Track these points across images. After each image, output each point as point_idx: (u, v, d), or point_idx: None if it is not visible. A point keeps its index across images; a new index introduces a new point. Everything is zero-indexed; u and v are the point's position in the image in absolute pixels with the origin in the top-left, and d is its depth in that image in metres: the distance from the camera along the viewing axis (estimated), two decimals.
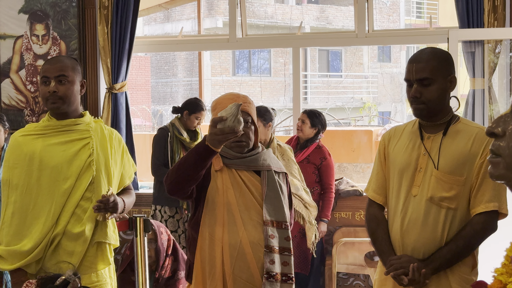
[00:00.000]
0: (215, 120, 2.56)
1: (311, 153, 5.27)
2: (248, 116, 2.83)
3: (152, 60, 22.04)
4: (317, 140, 5.32)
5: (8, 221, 2.95)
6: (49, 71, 2.96)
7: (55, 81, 2.94)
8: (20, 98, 6.08)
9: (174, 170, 2.72)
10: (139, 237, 3.61)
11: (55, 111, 2.99)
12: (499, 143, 1.35)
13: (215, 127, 2.57)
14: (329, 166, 5.28)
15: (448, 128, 2.69)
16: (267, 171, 2.89)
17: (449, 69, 2.68)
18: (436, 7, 23.24)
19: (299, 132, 5.35)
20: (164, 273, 4.17)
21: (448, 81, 2.67)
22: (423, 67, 2.63)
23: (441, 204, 2.64)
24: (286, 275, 2.82)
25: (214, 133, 2.57)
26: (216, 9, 20.48)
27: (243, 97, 2.87)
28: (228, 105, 2.58)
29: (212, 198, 2.83)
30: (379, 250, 2.78)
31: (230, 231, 2.78)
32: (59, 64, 2.97)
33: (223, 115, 2.55)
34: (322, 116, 5.40)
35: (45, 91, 2.95)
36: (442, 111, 2.70)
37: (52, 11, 6.00)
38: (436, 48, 2.74)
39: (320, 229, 5.21)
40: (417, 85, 2.64)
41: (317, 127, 5.30)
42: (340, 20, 22.50)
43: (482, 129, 2.69)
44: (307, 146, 5.29)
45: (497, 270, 1.39)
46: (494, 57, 5.18)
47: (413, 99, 2.67)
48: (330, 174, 5.29)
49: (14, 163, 2.98)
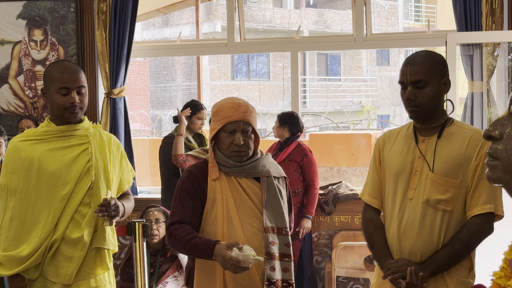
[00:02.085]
0: (232, 260, 2.54)
1: (291, 152, 5.39)
2: (249, 126, 2.81)
3: (151, 64, 22.05)
4: (296, 139, 5.44)
5: (7, 226, 2.95)
6: (70, 82, 2.94)
7: (76, 92, 2.95)
8: (19, 103, 6.08)
9: (179, 245, 2.76)
10: (138, 242, 3.60)
11: (71, 120, 2.99)
12: (497, 146, 1.34)
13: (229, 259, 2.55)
14: (311, 162, 5.37)
15: (443, 131, 2.70)
16: (266, 177, 2.88)
17: (443, 71, 2.69)
18: (435, 11, 23.27)
19: (274, 134, 5.54)
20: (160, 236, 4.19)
21: (442, 84, 2.68)
22: (417, 70, 2.64)
23: (437, 207, 2.65)
24: (286, 281, 2.82)
25: (225, 266, 2.58)
26: (215, 14, 20.50)
27: (245, 105, 2.83)
28: (247, 251, 2.57)
29: (211, 207, 2.82)
30: (376, 254, 2.79)
31: (230, 239, 2.77)
32: (78, 75, 2.97)
33: (240, 259, 2.54)
34: (293, 117, 5.51)
35: (64, 101, 2.94)
36: (436, 114, 2.71)
37: (50, 16, 6.01)
38: (431, 51, 2.75)
39: (304, 226, 5.26)
40: (411, 87, 2.65)
41: (285, 125, 5.43)
42: (338, 24, 22.52)
43: (476, 132, 2.70)
44: (287, 146, 5.40)
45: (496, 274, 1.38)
46: (492, 60, 5.18)
47: (408, 101, 2.68)
48: (313, 170, 5.36)
49: (13, 168, 2.98)
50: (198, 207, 2.81)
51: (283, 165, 5.06)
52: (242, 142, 2.77)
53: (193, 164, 2.96)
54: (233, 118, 2.79)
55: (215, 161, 2.85)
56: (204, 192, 2.82)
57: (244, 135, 2.79)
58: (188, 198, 2.81)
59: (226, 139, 2.81)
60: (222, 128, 2.82)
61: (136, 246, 3.61)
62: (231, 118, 2.79)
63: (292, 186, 5.14)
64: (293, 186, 5.20)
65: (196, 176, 2.84)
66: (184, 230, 2.73)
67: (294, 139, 5.43)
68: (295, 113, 5.61)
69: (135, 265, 3.59)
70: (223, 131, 2.82)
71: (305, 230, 5.29)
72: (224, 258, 2.55)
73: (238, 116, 2.79)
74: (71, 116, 2.97)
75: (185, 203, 2.81)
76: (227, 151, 2.82)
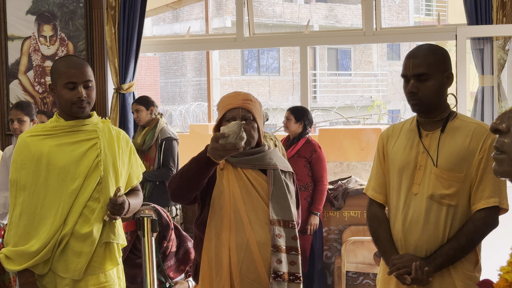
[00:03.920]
0: (217, 136, 2.56)
1: (301, 148, 5.37)
2: (249, 113, 2.81)
3: (161, 60, 22.08)
4: (305, 135, 5.42)
5: (16, 221, 2.95)
6: (76, 77, 2.94)
7: (83, 86, 2.95)
8: (28, 99, 6.10)
9: (177, 177, 2.73)
10: (147, 237, 3.61)
11: (79, 115, 2.99)
12: (504, 139, 1.33)
13: (217, 142, 2.57)
14: (320, 158, 5.35)
15: (446, 125, 2.69)
16: (273, 170, 2.87)
17: (446, 65, 2.67)
18: (446, 5, 23.17)
19: (286, 129, 5.48)
20: (172, 246, 4.17)
21: (445, 77, 2.67)
22: (420, 63, 2.63)
23: (441, 202, 2.64)
24: (293, 274, 2.80)
25: (216, 148, 2.58)
26: (225, 9, 20.49)
27: (245, 94, 2.85)
28: (231, 123, 2.59)
29: (218, 198, 2.81)
30: (381, 249, 2.78)
31: (236, 231, 2.76)
32: (84, 69, 2.96)
33: (225, 131, 2.56)
34: (307, 112, 5.50)
35: (71, 95, 2.94)
36: (439, 108, 2.69)
37: (59, 12, 6.02)
38: (433, 45, 2.74)
39: (312, 222, 5.25)
40: (414, 80, 2.64)
41: (302, 121, 5.39)
42: (349, 18, 22.46)
43: (480, 125, 2.68)
44: (296, 141, 5.38)
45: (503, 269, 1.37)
46: (503, 54, 5.15)
47: (410, 94, 2.67)
48: (322, 166, 5.34)
49: (22, 163, 2.98)
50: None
51: (292, 161, 5.06)
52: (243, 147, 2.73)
53: None
54: (232, 105, 2.80)
55: None
56: (213, 176, 2.82)
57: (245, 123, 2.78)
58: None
59: None
60: (223, 117, 2.82)
61: (145, 241, 3.62)
62: (230, 105, 2.80)
63: (301, 181, 5.13)
64: (302, 182, 5.19)
65: None
66: None
67: (303, 134, 5.42)
68: (307, 108, 5.61)
69: (144, 260, 3.61)
70: (224, 120, 2.82)
71: (313, 227, 5.28)
72: (213, 146, 2.57)
73: (237, 103, 2.79)
74: (79, 110, 2.97)
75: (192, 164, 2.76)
76: None
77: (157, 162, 5.43)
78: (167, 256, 4.17)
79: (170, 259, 4.19)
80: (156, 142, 5.42)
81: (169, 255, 4.17)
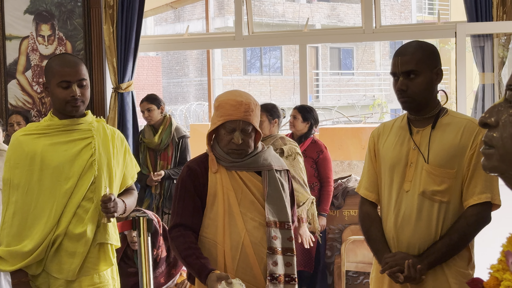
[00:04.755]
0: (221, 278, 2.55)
1: (307, 148, 5.32)
2: (249, 125, 2.78)
3: (163, 60, 22.09)
4: (311, 134, 5.37)
5: (9, 221, 2.93)
6: (70, 75, 2.91)
7: (77, 85, 2.92)
8: (27, 99, 6.08)
9: (177, 255, 2.79)
10: (143, 237, 3.59)
11: (73, 114, 2.97)
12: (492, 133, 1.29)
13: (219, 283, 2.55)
14: (326, 159, 5.31)
15: (437, 121, 2.67)
16: (268, 170, 2.85)
17: (435, 61, 2.66)
18: (448, 3, 23.10)
19: (292, 127, 5.41)
20: (161, 252, 4.15)
21: (434, 74, 2.66)
22: (408, 60, 2.62)
23: (433, 198, 2.63)
24: (289, 276, 2.79)
25: None
26: (227, 8, 20.49)
27: (246, 104, 2.77)
28: (238, 285, 2.55)
29: (212, 201, 2.80)
30: (373, 248, 2.77)
31: (232, 233, 2.75)
32: (78, 68, 2.94)
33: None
34: (313, 111, 5.44)
35: (65, 94, 2.92)
36: (429, 104, 2.68)
37: (57, 11, 6.00)
38: (422, 41, 2.73)
39: (319, 223, 5.20)
40: (403, 77, 2.63)
41: (309, 121, 5.33)
42: (351, 17, 22.44)
43: (471, 121, 2.67)
44: (302, 141, 5.32)
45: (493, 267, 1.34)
46: (504, 51, 5.12)
47: (400, 92, 2.66)
48: (328, 167, 5.31)
49: (15, 162, 2.95)
50: (198, 206, 2.80)
51: None
52: (241, 141, 2.74)
53: (193, 159, 2.95)
54: (233, 117, 2.75)
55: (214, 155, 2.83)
56: (204, 188, 2.80)
57: (243, 134, 2.77)
58: (188, 197, 2.80)
59: (225, 137, 2.79)
60: (221, 125, 2.79)
61: (141, 241, 3.60)
62: (231, 117, 2.75)
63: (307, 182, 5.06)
64: (308, 182, 5.11)
65: (195, 172, 2.82)
66: (184, 242, 2.74)
67: (309, 133, 5.37)
68: (313, 108, 5.55)
69: (140, 260, 3.58)
70: (223, 128, 2.79)
71: (320, 228, 5.24)
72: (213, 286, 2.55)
73: (238, 116, 2.75)
74: (73, 109, 2.95)
75: (185, 202, 2.80)
76: (225, 148, 2.81)
77: (174, 161, 5.43)
78: (158, 263, 4.14)
79: (161, 265, 4.17)
80: (173, 140, 5.42)
81: (160, 261, 4.15)
